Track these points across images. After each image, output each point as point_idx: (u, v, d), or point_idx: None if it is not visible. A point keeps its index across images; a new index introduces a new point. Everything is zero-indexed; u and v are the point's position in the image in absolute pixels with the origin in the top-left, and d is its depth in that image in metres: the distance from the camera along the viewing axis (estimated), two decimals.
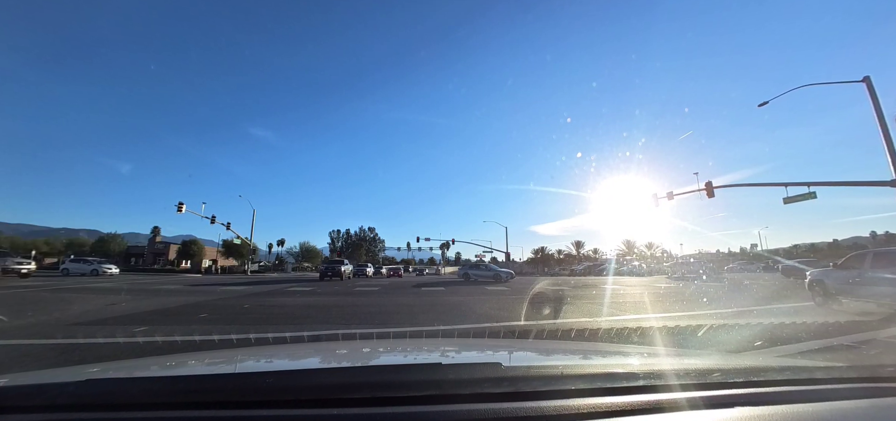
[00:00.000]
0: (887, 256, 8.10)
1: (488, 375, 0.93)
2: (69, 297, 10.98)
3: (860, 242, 73.62)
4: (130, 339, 5.23)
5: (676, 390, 0.91)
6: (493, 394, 0.86)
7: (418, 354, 1.61)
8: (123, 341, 5.09)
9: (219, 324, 6.56)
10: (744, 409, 0.85)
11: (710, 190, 20.80)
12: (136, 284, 18.08)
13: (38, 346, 4.88)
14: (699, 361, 1.31)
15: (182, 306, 9.10)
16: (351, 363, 1.43)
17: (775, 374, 1.09)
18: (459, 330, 6.29)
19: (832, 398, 0.92)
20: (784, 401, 0.89)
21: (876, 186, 15.34)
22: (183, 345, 4.96)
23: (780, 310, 8.59)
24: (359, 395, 0.84)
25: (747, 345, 4.66)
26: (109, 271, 28.82)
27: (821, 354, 4.35)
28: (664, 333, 5.42)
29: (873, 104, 14.65)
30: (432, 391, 0.85)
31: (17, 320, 6.69)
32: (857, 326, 6.23)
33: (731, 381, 1.00)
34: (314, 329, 6.03)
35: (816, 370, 1.14)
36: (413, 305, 9.71)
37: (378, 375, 1.08)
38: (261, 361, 1.56)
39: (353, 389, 0.86)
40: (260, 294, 12.87)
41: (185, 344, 4.99)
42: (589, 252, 77.66)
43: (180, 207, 34.15)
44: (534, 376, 0.99)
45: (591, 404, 0.83)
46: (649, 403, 0.86)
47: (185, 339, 5.24)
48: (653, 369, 0.99)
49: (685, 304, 10.14)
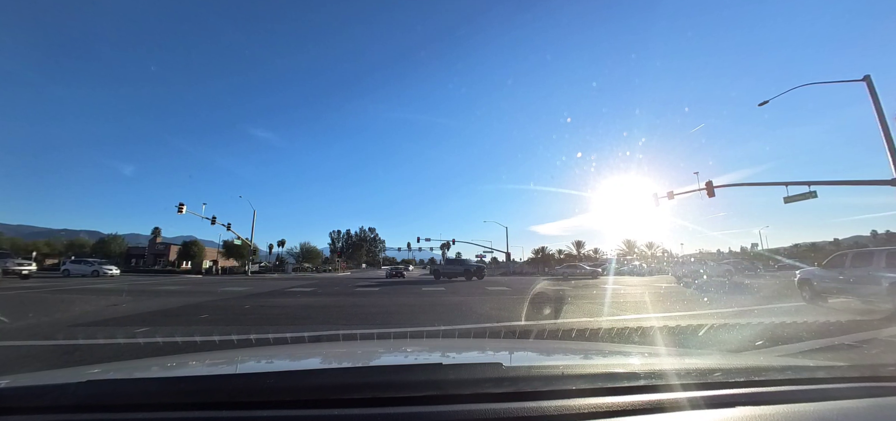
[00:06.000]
0: (865, 256, 8.60)
1: (489, 376, 0.93)
2: (70, 298, 10.99)
3: (861, 240, 73.48)
4: (131, 340, 5.23)
5: (677, 390, 0.91)
6: (493, 394, 0.86)
7: (419, 355, 1.61)
8: (124, 342, 5.10)
9: (220, 325, 6.57)
10: (745, 408, 0.84)
11: (711, 189, 20.78)
12: (137, 284, 18.09)
13: (39, 347, 4.89)
14: (700, 361, 1.31)
15: (183, 307, 9.11)
16: (352, 363, 1.43)
17: (776, 373, 1.09)
18: (460, 330, 6.29)
19: (834, 398, 0.92)
20: (785, 400, 0.89)
21: (877, 185, 15.31)
22: (184, 346, 4.96)
23: (780, 309, 8.59)
24: (360, 395, 0.84)
25: (748, 344, 4.66)
26: (110, 272, 28.84)
27: (822, 354, 4.35)
28: (665, 333, 5.41)
29: (874, 103, 14.63)
30: (433, 391, 0.85)
31: (19, 321, 6.70)
32: (858, 324, 6.22)
33: (732, 380, 0.99)
34: (315, 329, 6.03)
35: (818, 369, 1.13)
36: (413, 305, 9.72)
37: (379, 376, 1.09)
38: (262, 361, 1.56)
39: (354, 390, 0.86)
40: (260, 294, 12.87)
41: (186, 345, 5.00)
42: (589, 252, 77.51)
43: (181, 208, 34.16)
44: (535, 376, 0.99)
45: (592, 404, 0.83)
46: (650, 402, 0.85)
47: (186, 339, 5.25)
48: (654, 369, 0.99)
49: (685, 303, 10.13)
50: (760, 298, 11.53)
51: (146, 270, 52.35)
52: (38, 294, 12.26)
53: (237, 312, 8.42)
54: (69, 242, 59.87)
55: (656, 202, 23.41)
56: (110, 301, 10.24)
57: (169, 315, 7.72)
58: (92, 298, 10.81)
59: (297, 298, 11.62)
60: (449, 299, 11.41)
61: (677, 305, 9.80)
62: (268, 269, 58.04)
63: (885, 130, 14.30)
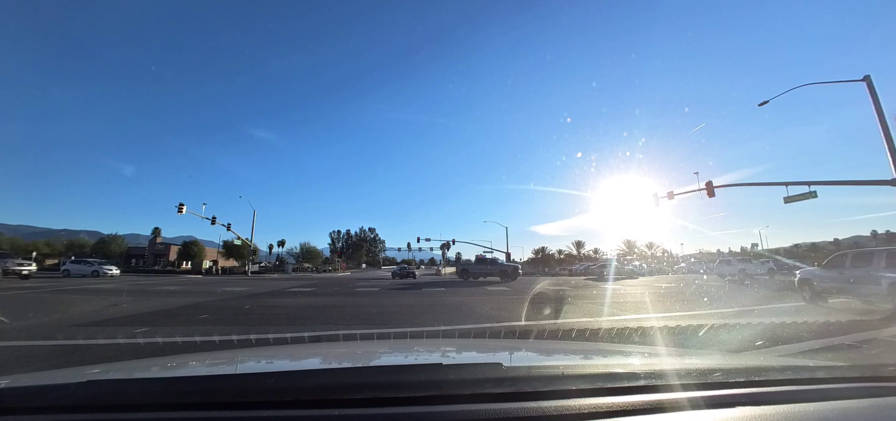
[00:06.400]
0: (864, 256, 8.62)
1: (489, 376, 0.93)
2: (70, 298, 10.99)
3: (861, 240, 73.43)
4: (131, 340, 5.23)
5: (678, 390, 0.91)
6: (494, 394, 0.86)
7: (419, 355, 1.61)
8: (124, 342, 5.10)
9: (220, 325, 6.57)
10: (745, 408, 0.84)
11: (711, 189, 20.77)
12: (137, 285, 18.09)
13: (39, 347, 4.88)
14: (700, 361, 1.31)
15: (183, 307, 9.10)
16: (352, 363, 1.43)
17: (777, 373, 1.09)
18: (460, 330, 6.29)
19: (834, 398, 0.92)
20: (785, 400, 0.89)
21: (877, 185, 15.30)
22: (184, 346, 4.96)
23: (780, 309, 8.59)
24: (360, 395, 0.84)
25: (748, 344, 4.66)
26: (110, 272, 28.81)
27: (822, 354, 4.35)
28: (665, 333, 5.41)
29: (874, 103, 14.63)
30: (433, 392, 0.85)
31: (19, 322, 6.70)
32: (858, 324, 6.22)
33: (732, 380, 0.99)
34: (315, 330, 6.03)
35: (818, 370, 1.13)
36: (414, 306, 9.71)
37: (379, 376, 1.08)
38: (262, 361, 1.56)
39: (354, 390, 0.86)
40: (260, 295, 12.87)
41: (186, 345, 5.00)
42: (589, 252, 77.49)
43: (181, 208, 34.15)
44: (535, 376, 0.99)
45: (592, 404, 0.83)
46: (651, 402, 0.85)
47: (186, 340, 5.25)
48: (654, 369, 0.99)
49: (685, 303, 10.13)
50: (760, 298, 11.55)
51: (146, 270, 52.30)
52: (37, 294, 12.26)
53: (237, 312, 8.42)
54: (69, 242, 59.83)
55: (656, 202, 23.41)
56: (110, 301, 10.24)
57: (169, 315, 7.72)
58: (92, 299, 10.81)
59: (296, 299, 11.62)
60: (449, 299, 11.40)
61: (677, 305, 9.79)
62: (268, 269, 58.02)
63: (885, 130, 14.30)
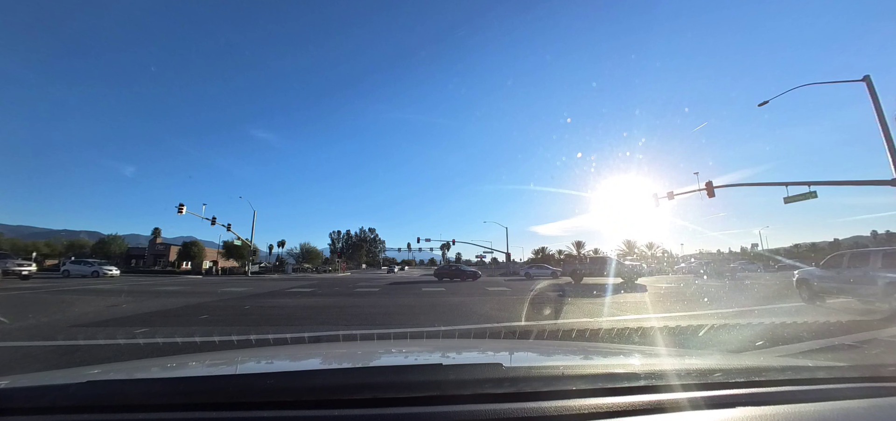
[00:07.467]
0: (862, 256, 8.62)
1: (489, 376, 0.92)
2: (70, 298, 10.99)
3: (861, 240, 73.52)
4: (131, 340, 5.23)
5: (678, 390, 0.91)
6: (494, 394, 0.86)
7: (419, 355, 1.61)
8: (124, 343, 5.10)
9: (220, 325, 6.57)
10: (745, 409, 0.84)
11: (711, 190, 20.78)
12: (137, 285, 18.09)
13: (39, 347, 4.89)
14: (700, 361, 1.31)
15: (183, 308, 9.10)
16: (352, 364, 1.42)
17: (777, 373, 1.09)
18: (460, 330, 6.29)
19: (834, 398, 0.92)
20: (786, 401, 0.89)
21: (877, 185, 15.31)
22: (184, 346, 4.96)
23: (780, 310, 8.58)
24: (360, 396, 0.84)
25: (748, 344, 4.66)
26: (110, 273, 28.83)
27: (822, 354, 4.35)
28: (665, 333, 5.41)
29: (873, 103, 14.64)
30: (433, 392, 0.85)
31: (19, 322, 6.70)
32: (858, 325, 6.22)
33: (732, 381, 0.99)
34: (315, 330, 6.03)
35: (818, 370, 1.13)
36: (414, 306, 9.71)
37: (379, 376, 1.08)
38: (261, 362, 1.55)
39: (354, 390, 0.86)
40: (260, 295, 12.87)
41: (186, 345, 4.99)
42: (589, 252, 77.58)
43: (181, 209, 34.18)
44: (535, 377, 0.99)
45: (592, 405, 0.83)
46: (651, 403, 0.85)
47: (185, 340, 5.24)
48: (654, 369, 0.99)
49: (685, 303, 10.13)
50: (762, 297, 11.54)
51: (146, 270, 52.30)
52: (38, 295, 12.26)
53: (237, 312, 8.42)
54: (69, 242, 59.80)
55: (656, 202, 23.42)
56: (110, 302, 10.24)
57: (169, 316, 7.72)
58: (92, 299, 10.81)
59: (296, 299, 11.61)
60: (449, 300, 11.41)
61: (677, 305, 9.79)
62: (268, 269, 57.98)
63: (885, 130, 14.31)
